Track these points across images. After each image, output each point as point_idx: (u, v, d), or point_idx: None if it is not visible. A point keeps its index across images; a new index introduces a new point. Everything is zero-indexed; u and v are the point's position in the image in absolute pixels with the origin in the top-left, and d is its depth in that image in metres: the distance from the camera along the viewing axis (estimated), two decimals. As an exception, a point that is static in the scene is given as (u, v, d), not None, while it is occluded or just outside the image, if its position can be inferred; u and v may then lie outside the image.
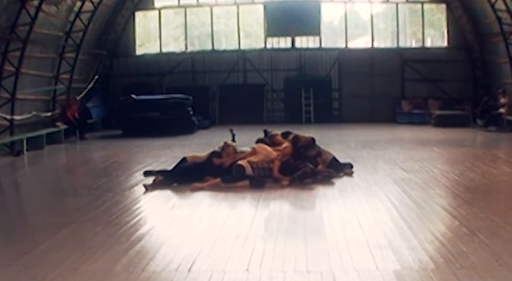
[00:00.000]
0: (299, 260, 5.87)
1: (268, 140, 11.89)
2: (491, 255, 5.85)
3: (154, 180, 10.38)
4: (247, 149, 11.33)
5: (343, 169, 11.41)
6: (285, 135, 12.10)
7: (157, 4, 25.30)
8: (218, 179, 10.17)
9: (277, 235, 6.94)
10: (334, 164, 11.37)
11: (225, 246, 6.47)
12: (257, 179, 10.18)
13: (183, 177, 10.41)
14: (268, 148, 11.07)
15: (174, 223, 7.91)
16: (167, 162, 12.95)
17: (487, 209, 8.07)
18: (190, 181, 10.14)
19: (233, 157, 10.88)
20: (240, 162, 10.43)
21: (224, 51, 25.43)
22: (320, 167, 10.96)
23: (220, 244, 6.61)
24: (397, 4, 24.88)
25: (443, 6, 24.52)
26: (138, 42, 25.60)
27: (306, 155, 11.06)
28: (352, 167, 11.62)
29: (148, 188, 10.02)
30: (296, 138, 11.47)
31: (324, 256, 6.02)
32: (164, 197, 9.57)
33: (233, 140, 13.15)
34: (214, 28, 25.39)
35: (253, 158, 10.62)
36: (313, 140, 11.68)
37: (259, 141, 11.75)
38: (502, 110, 20.05)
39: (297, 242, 6.55)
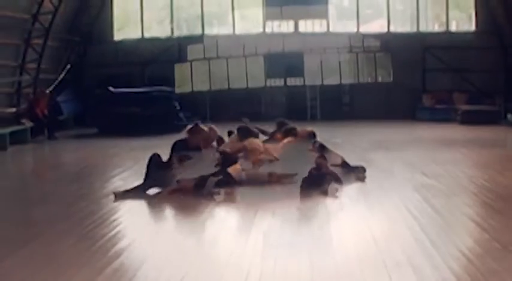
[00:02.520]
0: (303, 279, 5.86)
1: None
2: (527, 274, 5.86)
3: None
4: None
5: (355, 173, 11.41)
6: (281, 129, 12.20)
7: (138, -18, 25.31)
8: (191, 184, 10.17)
9: (278, 252, 6.92)
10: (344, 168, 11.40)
11: (217, 265, 6.46)
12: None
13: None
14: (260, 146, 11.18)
15: (158, 237, 7.90)
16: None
17: (521, 220, 8.09)
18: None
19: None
20: (231, 170, 10.44)
21: (216, 36, 25.39)
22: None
23: (211, 262, 6.60)
24: (417, -18, 24.91)
25: (471, -16, 24.57)
26: (116, 26, 25.53)
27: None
28: (364, 171, 11.61)
29: (118, 195, 9.98)
30: (291, 130, 11.48)
31: (333, 276, 6.02)
32: (146, 207, 9.56)
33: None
34: (205, 9, 25.35)
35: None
36: (313, 134, 11.69)
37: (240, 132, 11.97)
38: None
39: (301, 260, 6.53)
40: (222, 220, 8.84)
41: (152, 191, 10.19)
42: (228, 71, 25.15)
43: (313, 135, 11.78)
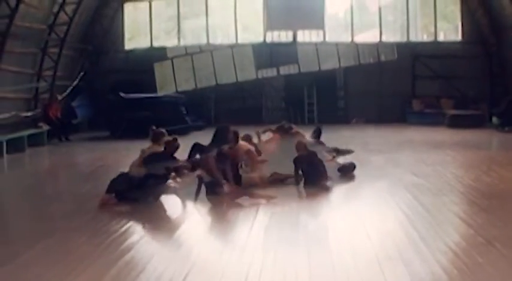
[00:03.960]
0: (301, 274, 5.85)
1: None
2: (510, 266, 5.85)
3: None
4: None
5: (345, 168, 11.43)
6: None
7: (148, -5, 25.33)
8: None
9: (278, 246, 6.92)
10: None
11: (221, 258, 6.46)
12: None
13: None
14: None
15: (166, 232, 7.90)
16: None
17: (504, 217, 8.07)
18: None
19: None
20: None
21: (220, 45, 25.40)
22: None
23: (215, 255, 6.60)
24: (407, -5, 24.90)
25: (458, -3, 24.57)
26: (127, 36, 25.57)
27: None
28: (355, 167, 11.58)
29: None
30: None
31: (329, 269, 6.01)
32: (155, 204, 9.56)
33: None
34: (209, 21, 25.37)
35: None
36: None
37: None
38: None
39: (299, 254, 6.52)
40: (226, 217, 8.83)
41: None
42: (214, 65, 25.01)
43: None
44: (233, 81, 24.84)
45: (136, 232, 7.85)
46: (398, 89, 24.44)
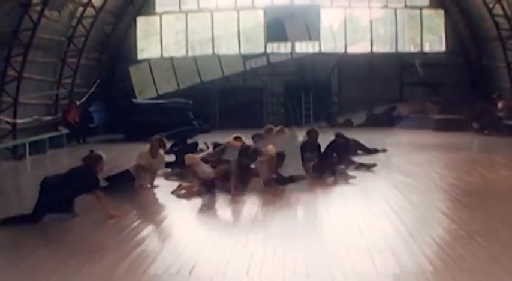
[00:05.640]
0: (299, 264, 5.85)
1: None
2: (490, 258, 5.84)
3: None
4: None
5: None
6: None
7: (158, 9, 25.34)
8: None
9: (277, 239, 6.92)
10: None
11: (225, 250, 6.45)
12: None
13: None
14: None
15: (175, 227, 7.90)
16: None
17: (485, 212, 8.06)
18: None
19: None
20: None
21: (224, 55, 25.43)
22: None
23: (220, 248, 6.59)
24: (395, 9, 24.91)
25: (442, 11, 24.57)
26: (139, 47, 25.62)
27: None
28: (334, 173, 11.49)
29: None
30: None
31: (324, 259, 6.01)
32: (164, 201, 9.56)
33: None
34: (215, 33, 25.40)
35: None
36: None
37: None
38: (499, 114, 20.04)
39: (297, 246, 6.53)
40: (229, 212, 8.83)
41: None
42: (197, 65, 24.90)
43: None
44: (219, 76, 24.85)
45: (147, 227, 7.83)
46: (387, 95, 24.44)
